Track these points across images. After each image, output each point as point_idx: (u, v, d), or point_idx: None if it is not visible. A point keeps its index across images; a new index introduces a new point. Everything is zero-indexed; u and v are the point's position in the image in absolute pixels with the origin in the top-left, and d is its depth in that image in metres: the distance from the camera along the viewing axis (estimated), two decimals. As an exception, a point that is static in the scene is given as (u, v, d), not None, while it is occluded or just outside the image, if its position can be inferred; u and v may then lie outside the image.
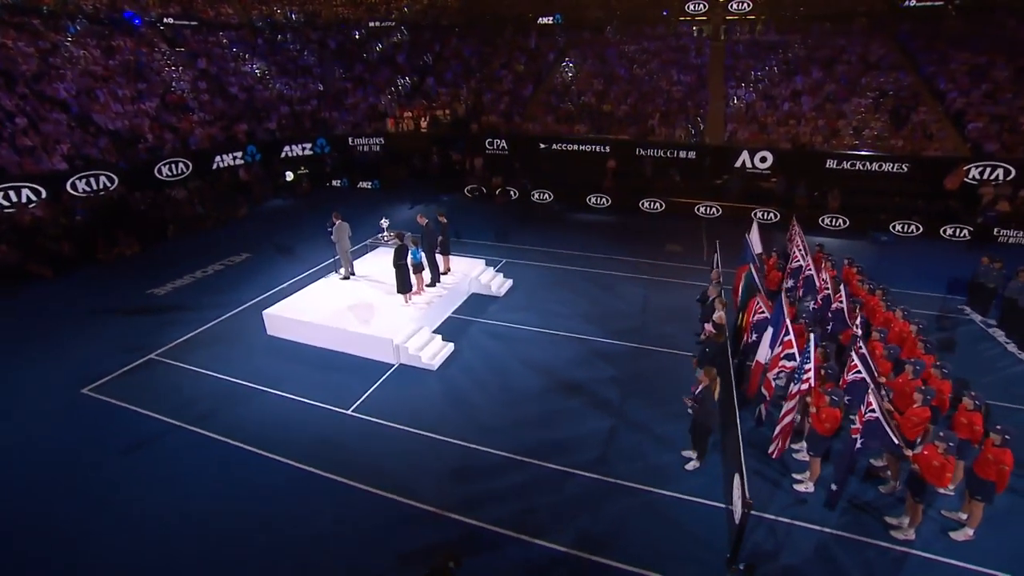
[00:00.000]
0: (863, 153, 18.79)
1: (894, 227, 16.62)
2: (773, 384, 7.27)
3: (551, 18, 32.74)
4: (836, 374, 6.97)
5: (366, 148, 24.76)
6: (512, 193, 21.18)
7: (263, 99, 25.53)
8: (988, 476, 5.72)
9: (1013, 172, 16.98)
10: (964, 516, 6.23)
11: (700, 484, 6.95)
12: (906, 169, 17.99)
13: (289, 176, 22.29)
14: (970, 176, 17.27)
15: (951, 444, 5.62)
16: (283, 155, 23.15)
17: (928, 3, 26.54)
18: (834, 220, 17.11)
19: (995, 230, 15.60)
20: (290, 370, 9.58)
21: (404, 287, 10.73)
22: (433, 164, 23.30)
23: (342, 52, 30.69)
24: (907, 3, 26.75)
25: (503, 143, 23.39)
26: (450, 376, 9.40)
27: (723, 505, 6.60)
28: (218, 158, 21.03)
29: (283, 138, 23.58)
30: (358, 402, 8.64)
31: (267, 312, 10.79)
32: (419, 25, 33.47)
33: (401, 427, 8.07)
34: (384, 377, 9.35)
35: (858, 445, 5.92)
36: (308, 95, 27.08)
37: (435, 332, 10.42)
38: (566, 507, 6.63)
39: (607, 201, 20.32)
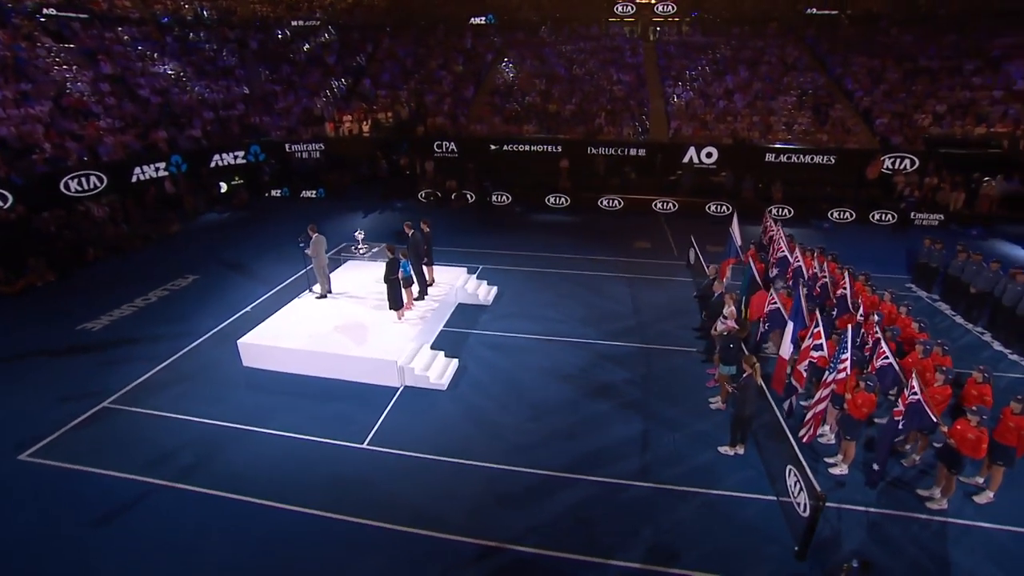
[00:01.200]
0: (796, 147, 20.30)
1: (831, 214, 18.09)
2: (804, 375, 7.52)
3: (483, 18, 32.53)
4: (861, 360, 7.33)
5: (305, 155, 23.14)
6: (469, 196, 20.70)
7: (181, 104, 23.08)
8: (1009, 442, 6.24)
9: (916, 162, 19.08)
10: (981, 480, 6.76)
11: (746, 479, 7.03)
12: (833, 161, 19.66)
13: (223, 187, 20.32)
14: (885, 166, 19.19)
15: (983, 417, 6.07)
16: (213, 164, 21.06)
17: (825, 12, 29.26)
18: (780, 210, 18.30)
19: (912, 214, 17.42)
20: (281, 404, 8.60)
21: (397, 303, 10.03)
22: (381, 169, 22.25)
23: (265, 53, 28.54)
24: (809, 11, 29.33)
25: (452, 146, 22.82)
26: (463, 394, 8.89)
27: (773, 497, 6.71)
28: (138, 170, 18.70)
29: (211, 146, 21.46)
30: (371, 434, 7.90)
31: (242, 341, 9.64)
32: (347, 25, 31.94)
33: (425, 456, 7.48)
34: (392, 403, 8.65)
35: (900, 426, 6.24)
36: (232, 99, 24.88)
37: (433, 348, 9.83)
38: (623, 520, 6.43)
39: (566, 201, 20.43)
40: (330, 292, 11.35)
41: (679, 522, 6.39)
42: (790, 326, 7.87)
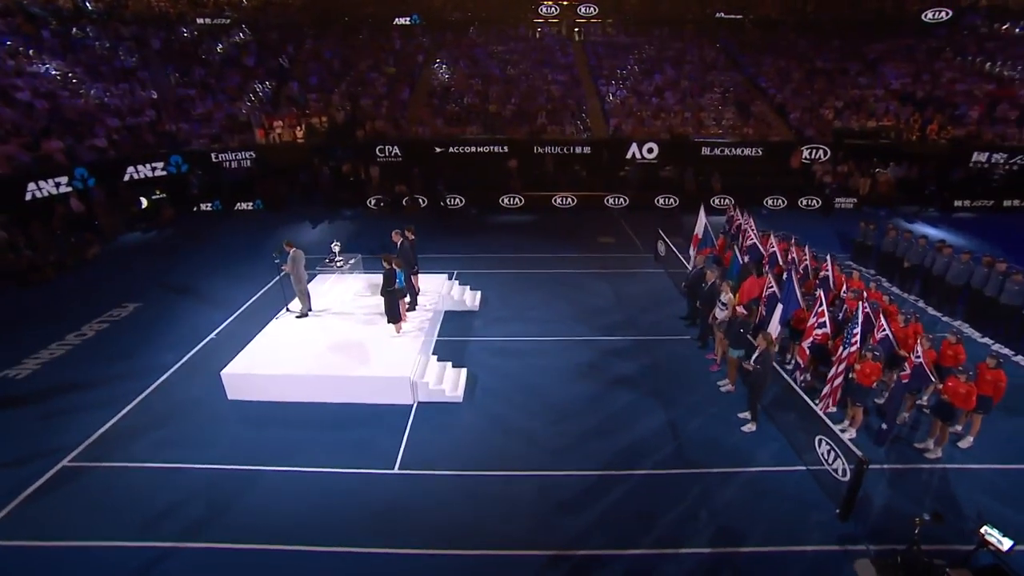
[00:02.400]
0: (727, 140, 21.87)
1: (766, 202, 19.71)
2: (808, 352, 8.14)
3: (408, 19, 31.83)
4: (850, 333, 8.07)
5: (234, 164, 21.29)
6: (421, 201, 20.15)
7: (76, 109, 20.30)
8: (987, 393, 7.17)
9: (828, 152, 21.33)
10: (960, 428, 7.71)
11: (773, 454, 7.48)
12: (760, 153, 21.43)
13: (143, 203, 18.17)
14: (804, 157, 21.25)
15: (970, 374, 6.92)
16: (127, 178, 18.76)
17: (731, 16, 31.78)
18: (721, 200, 19.64)
19: (835, 200, 19.46)
20: (288, 438, 7.86)
21: (395, 316, 9.54)
22: (324, 177, 21.02)
23: (171, 53, 25.88)
24: (718, 15, 31.70)
25: (395, 149, 22.08)
26: (482, 405, 8.64)
27: (803, 468, 7.20)
28: (32, 186, 16.20)
29: (121, 157, 19.09)
30: (399, 457, 7.45)
31: (226, 372, 8.68)
32: (261, 24, 29.79)
33: (464, 473, 7.18)
34: (410, 421, 8.21)
35: (908, 386, 6.98)
36: (139, 104, 22.27)
37: (438, 360, 9.47)
38: (678, 508, 6.59)
39: (520, 201, 20.52)
40: (311, 310, 10.54)
41: (729, 503, 6.67)
42: (779, 308, 8.48)
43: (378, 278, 11.97)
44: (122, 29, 26.04)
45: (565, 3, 32.16)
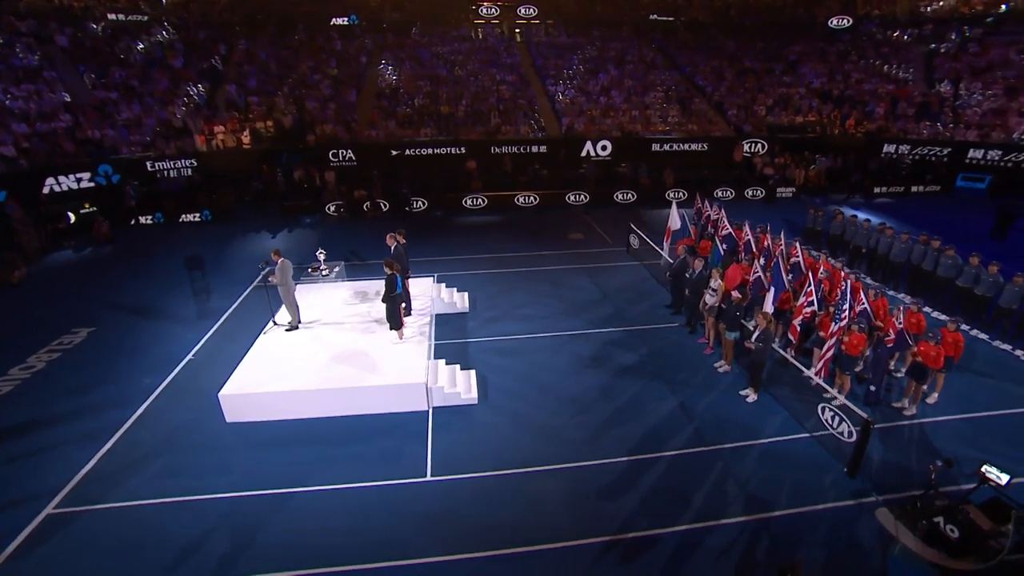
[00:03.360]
0: (675, 136, 23.07)
1: (716, 194, 20.99)
2: (799, 329, 8.85)
3: (346, 19, 30.93)
4: (840, 309, 8.86)
5: (173, 173, 19.78)
6: (382, 205, 19.68)
7: (-28, 114, 18.05)
8: (949, 353, 8.15)
9: (766, 145, 23.08)
10: (925, 387, 8.69)
11: (779, 424, 8.09)
12: (705, 147, 22.80)
13: (71, 217, 16.46)
14: (746, 150, 22.85)
15: (939, 339, 7.85)
16: (47, 190, 16.94)
17: (664, 18, 33.47)
18: (676, 193, 20.69)
19: (776, 190, 21.09)
20: (304, 456, 7.50)
21: (397, 322, 9.34)
22: (278, 184, 19.98)
23: (82, 52, 23.55)
24: (652, 16, 33.26)
25: (349, 153, 21.44)
26: (497, 404, 8.66)
27: (806, 435, 7.85)
28: (-66, 205, 14.29)
29: (37, 167, 17.21)
30: (428, 463, 7.35)
31: (224, 393, 8.13)
32: (187, 23, 27.78)
33: (497, 473, 7.20)
34: (430, 427, 8.10)
35: (892, 350, 7.81)
36: (51, 108, 20.12)
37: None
38: (709, 484, 6.99)
39: (483, 201, 20.56)
40: (300, 322, 10.07)
41: (751, 474, 7.16)
42: (771, 290, 9.18)
43: (363, 285, 11.80)
44: (17, 24, 23.33)
45: (503, 4, 32.55)
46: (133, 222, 18.02)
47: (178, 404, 8.69)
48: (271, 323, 10.02)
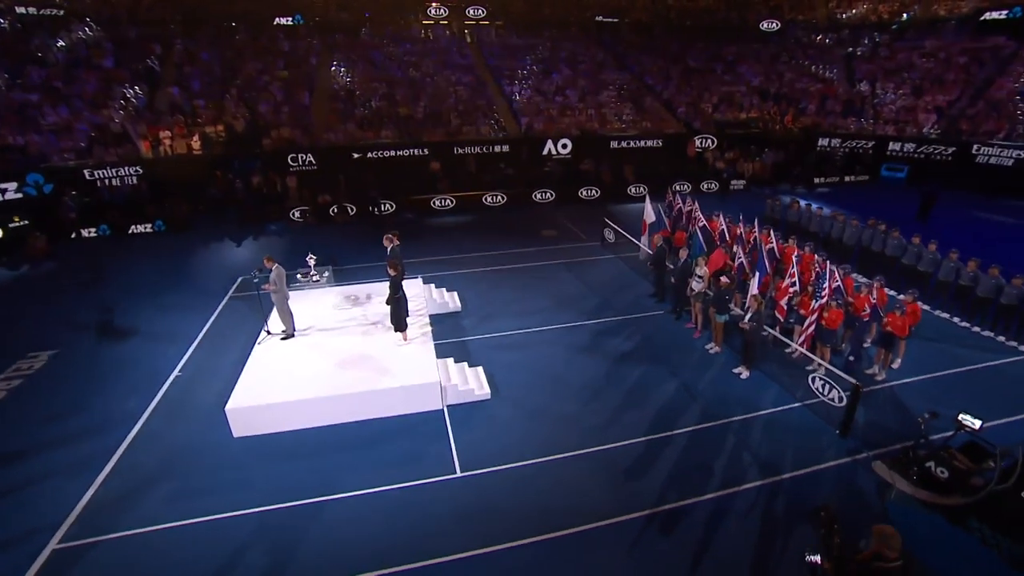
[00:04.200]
0: (631, 134, 23.99)
1: (674, 187, 22.00)
2: (785, 308, 9.60)
3: (290, 19, 29.90)
4: (820, 288, 9.68)
5: (115, 182, 18.44)
6: (349, 209, 19.25)
7: None
8: (910, 322, 9.13)
9: (715, 141, 24.48)
10: (881, 355, 9.66)
11: (773, 396, 8.76)
12: (660, 144, 23.87)
13: None
14: (698, 146, 24.14)
15: (904, 310, 8.79)
16: (-30, 205, 15.36)
17: (609, 20, 34.62)
18: (637, 188, 21.55)
19: (730, 183, 22.44)
20: (327, 464, 7.34)
21: (402, 323, 9.29)
22: (237, 191, 19.06)
23: (-10, 49, 21.48)
24: (598, 18, 34.31)
25: (309, 157, 20.79)
26: (512, 397, 8.82)
27: (798, 404, 8.55)
28: None
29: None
30: (456, 460, 7.41)
31: (231, 407, 7.80)
32: (113, 20, 25.87)
33: (527, 463, 7.36)
34: (449, 424, 8.15)
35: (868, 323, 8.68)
36: (-42, 111, 18.26)
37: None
38: (725, 454, 7.49)
39: (451, 202, 20.56)
40: (295, 330, 9.78)
41: (758, 443, 7.74)
42: (755, 275, 9.90)
43: (351, 289, 11.62)
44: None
45: (452, 5, 32.51)
46: (74, 236, 16.65)
47: (175, 423, 8.24)
48: (264, 333, 9.67)
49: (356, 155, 21.32)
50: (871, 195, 21.95)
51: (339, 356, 9.03)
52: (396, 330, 9.31)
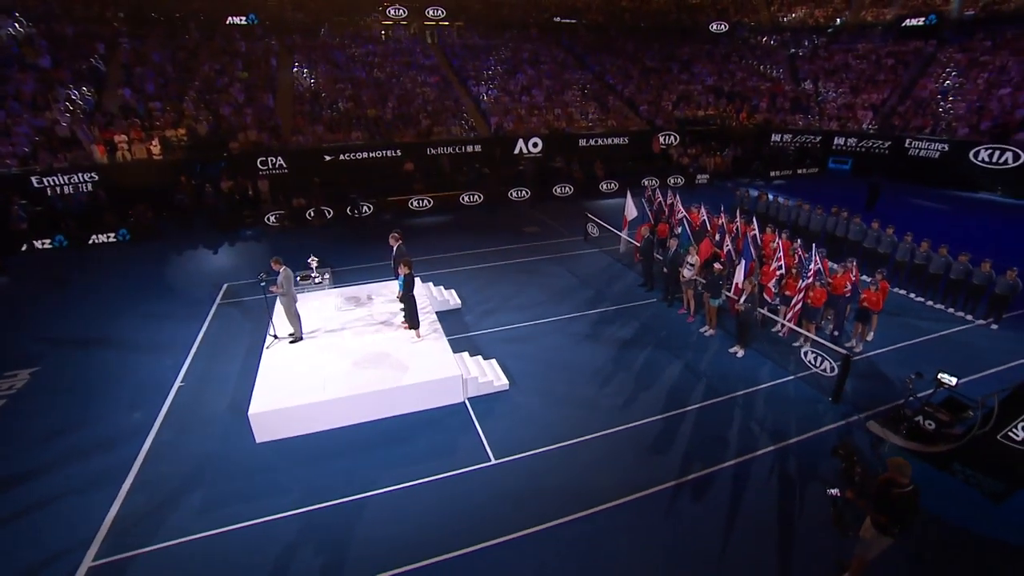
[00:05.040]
0: (598, 132, 24.75)
1: (643, 183, 22.90)
2: (773, 290, 10.35)
3: (244, 18, 28.91)
4: (806, 270, 10.49)
5: (68, 189, 17.35)
6: (327, 212, 18.92)
7: None
8: (882, 298, 10.10)
9: (678, 137, 25.64)
10: (859, 329, 10.63)
11: (769, 371, 9.47)
12: (627, 141, 24.76)
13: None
14: (662, 143, 25.18)
15: (878, 286, 9.72)
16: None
17: (567, 21, 35.42)
18: (608, 185, 22.29)
19: (696, 176, 23.56)
20: (356, 463, 7.37)
21: (415, 320, 9.40)
22: (207, 196, 18.32)
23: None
24: (556, 19, 35.03)
25: (279, 161, 20.28)
26: (528, 387, 9.09)
27: (792, 376, 9.30)
28: None
29: None
30: (488, 449, 7.63)
31: (254, 412, 7.69)
32: (47, 16, 24.20)
33: (555, 446, 7.66)
34: (473, 416, 8.35)
35: (848, 301, 9.54)
36: None
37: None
38: (735, 426, 8.07)
39: (429, 202, 20.58)
40: (303, 333, 9.68)
41: (763, 413, 8.38)
42: (742, 262, 10.63)
43: (350, 290, 11.58)
44: None
45: (411, 5, 32.33)
46: (25, 247, 15.55)
47: (189, 433, 8.02)
48: (271, 338, 9.50)
49: (328, 157, 20.97)
50: (821, 186, 23.65)
51: (354, 356, 9.03)
52: (410, 327, 9.40)
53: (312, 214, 18.45)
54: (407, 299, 9.14)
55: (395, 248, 10.11)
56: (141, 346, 10.53)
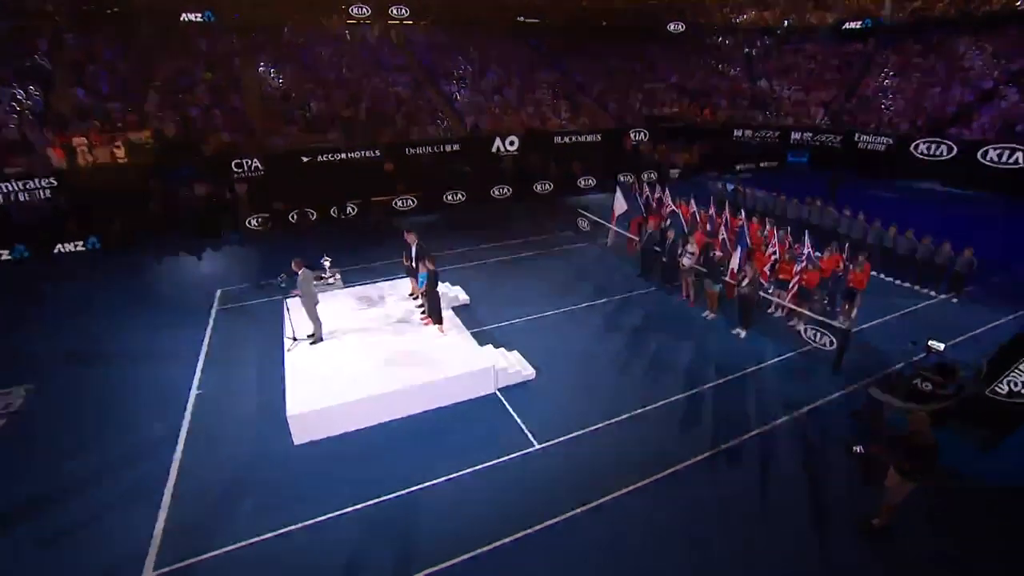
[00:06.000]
0: (571, 129, 25.29)
1: (619, 178, 23.67)
2: (768, 274, 11.10)
3: (200, 15, 27.73)
4: (795, 255, 11.26)
5: (23, 196, 16.21)
6: (311, 214, 18.55)
7: None
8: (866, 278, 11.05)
9: (648, 134, 26.57)
10: (846, 307, 11.59)
11: (772, 349, 10.17)
12: (600, 139, 25.43)
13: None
14: (634, 140, 26.03)
15: (862, 268, 10.62)
16: None
17: (531, 20, 35.87)
18: (586, 181, 22.87)
19: (670, 172, 24.51)
20: (402, 458, 7.45)
21: (439, 316, 9.52)
22: (182, 200, 17.55)
23: None
24: (520, 18, 35.40)
25: (256, 163, 19.64)
26: (554, 375, 9.37)
27: (793, 352, 10.04)
28: None
29: None
30: (530, 434, 7.89)
31: (292, 414, 7.63)
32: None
33: (592, 428, 7.96)
34: (508, 405, 8.57)
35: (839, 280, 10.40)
36: None
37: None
38: (754, 399, 8.68)
39: (413, 202, 20.52)
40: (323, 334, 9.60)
41: (774, 387, 9.04)
42: (738, 249, 11.34)
43: (360, 290, 11.56)
44: None
45: (374, 4, 31.90)
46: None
47: (220, 441, 7.85)
48: (291, 340, 9.37)
49: (306, 159, 20.46)
50: (782, 178, 25.11)
51: (381, 354, 9.06)
52: (434, 322, 9.50)
53: (295, 217, 18.03)
54: (431, 294, 9.25)
55: (414, 246, 10.17)
56: (142, 357, 10.12)
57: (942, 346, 8.07)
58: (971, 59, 26.34)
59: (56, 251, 15.32)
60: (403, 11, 32.62)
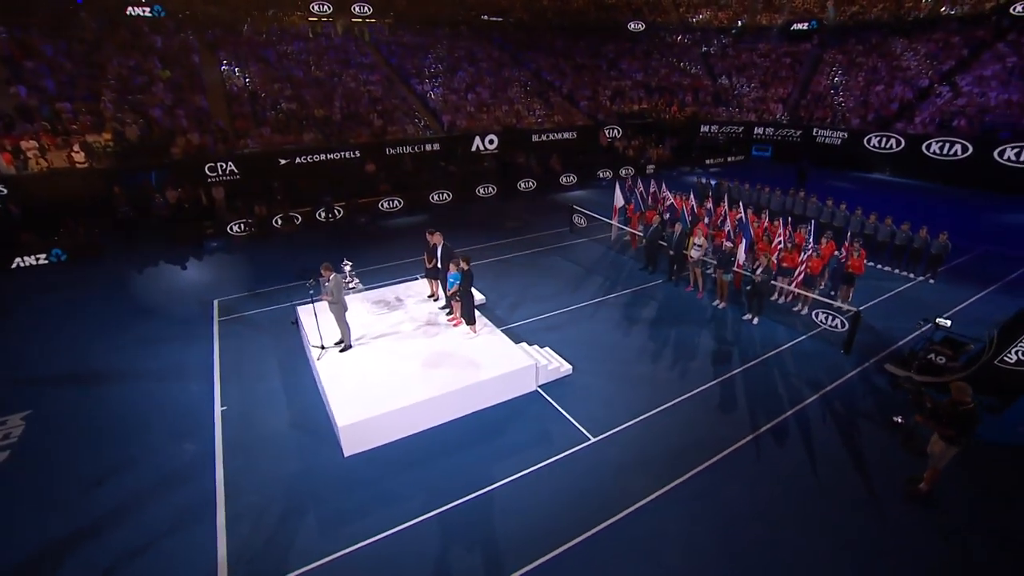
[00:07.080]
0: (547, 127, 25.53)
1: (599, 174, 24.08)
2: (776, 263, 11.62)
3: (148, 9, 26.03)
4: (799, 244, 11.85)
5: (-27, 206, 14.77)
6: (295, 218, 17.84)
7: None
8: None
9: (620, 131, 27.18)
10: (844, 291, 12.34)
11: (784, 334, 10.70)
12: (575, 135, 25.80)
13: None
14: (608, 136, 26.55)
15: (859, 254, 11.34)
16: None
17: (495, 19, 35.83)
18: (567, 178, 23.13)
19: (647, 167, 25.15)
20: (458, 463, 7.33)
21: (471, 316, 9.42)
22: (158, 207, 16.43)
23: None
24: (483, 17, 35.29)
25: (230, 166, 18.72)
26: (588, 369, 9.46)
27: (804, 336, 10.60)
28: None
29: None
30: (582, 428, 7.96)
31: (344, 425, 7.35)
32: None
33: (639, 419, 8.11)
34: (553, 401, 8.61)
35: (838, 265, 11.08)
36: None
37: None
38: (779, 384, 9.08)
39: (400, 203, 20.13)
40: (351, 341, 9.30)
41: (794, 369, 9.51)
42: (744, 241, 11.85)
43: (376, 293, 11.28)
44: None
45: (335, 1, 30.95)
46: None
47: (260, 457, 7.46)
48: (319, 348, 9.01)
49: (283, 161, 19.67)
50: (750, 171, 26.35)
51: (418, 358, 8.87)
52: (466, 323, 9.40)
53: (280, 221, 17.28)
54: (464, 295, 9.14)
55: (440, 246, 9.99)
56: (148, 375, 9.45)
57: (949, 323, 8.76)
58: (907, 59, 28.49)
59: (14, 265, 13.98)
60: (365, 8, 31.78)
